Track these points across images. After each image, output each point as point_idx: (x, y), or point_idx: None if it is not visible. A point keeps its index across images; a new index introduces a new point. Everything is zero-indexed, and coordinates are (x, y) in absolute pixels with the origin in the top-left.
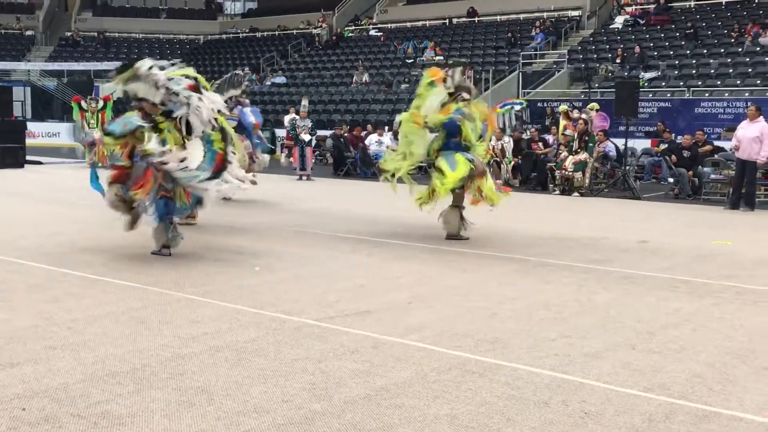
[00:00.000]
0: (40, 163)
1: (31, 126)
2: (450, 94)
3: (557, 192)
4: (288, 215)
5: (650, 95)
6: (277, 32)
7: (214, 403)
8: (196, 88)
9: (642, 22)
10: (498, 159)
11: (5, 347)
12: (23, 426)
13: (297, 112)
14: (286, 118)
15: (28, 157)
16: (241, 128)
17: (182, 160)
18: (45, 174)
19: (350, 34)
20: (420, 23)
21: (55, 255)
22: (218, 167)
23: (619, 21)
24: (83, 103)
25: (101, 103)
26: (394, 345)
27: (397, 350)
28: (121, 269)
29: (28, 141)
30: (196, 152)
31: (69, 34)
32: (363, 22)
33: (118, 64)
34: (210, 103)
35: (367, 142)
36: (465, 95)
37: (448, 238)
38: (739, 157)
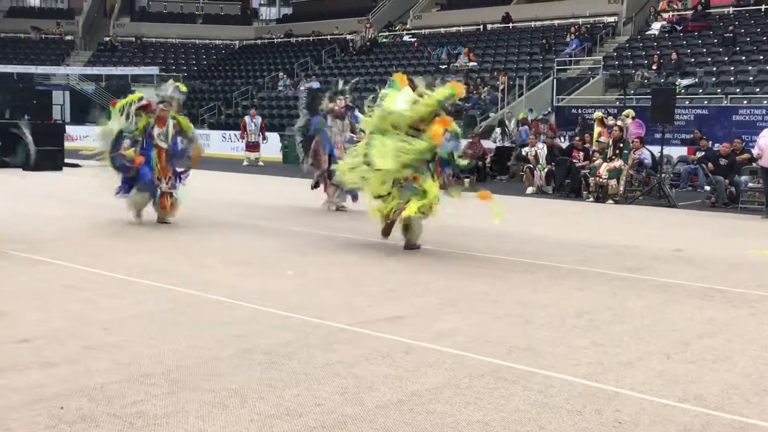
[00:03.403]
0: (78, 165)
1: (70, 129)
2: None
3: (591, 199)
4: (318, 219)
5: (687, 102)
6: (311, 38)
7: (247, 405)
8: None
9: (679, 28)
10: (531, 165)
11: (43, 347)
12: (62, 424)
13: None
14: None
15: (66, 160)
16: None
17: None
18: (82, 177)
19: (384, 40)
20: (454, 29)
21: (90, 256)
22: None
23: (655, 27)
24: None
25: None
26: (425, 350)
27: (429, 355)
28: (153, 271)
29: (67, 144)
30: None
31: (107, 39)
32: (397, 28)
33: (155, 68)
34: None
35: None
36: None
37: (408, 248)
38: (763, 165)
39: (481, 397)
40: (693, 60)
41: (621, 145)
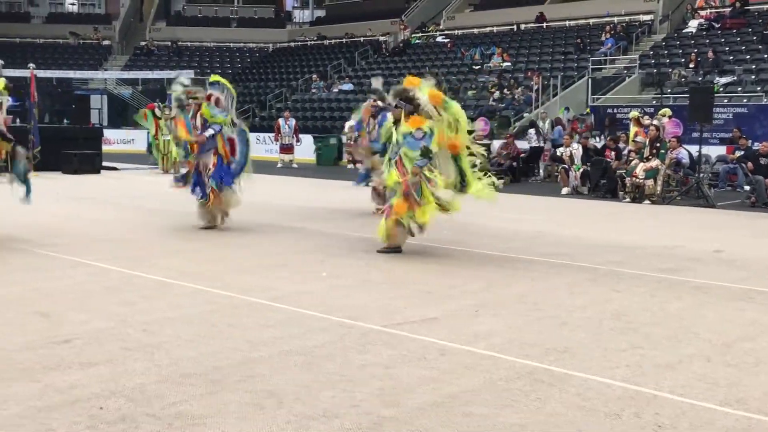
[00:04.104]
0: (115, 169)
1: (108, 133)
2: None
3: (627, 200)
4: (353, 221)
5: (725, 101)
6: (344, 40)
7: (284, 406)
8: None
9: (717, 25)
10: (566, 166)
11: (84, 348)
12: (101, 424)
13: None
14: (347, 125)
15: (104, 163)
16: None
17: None
18: (120, 180)
19: (417, 41)
20: (487, 29)
21: (129, 259)
22: None
23: (692, 25)
24: (157, 111)
25: (174, 111)
26: (462, 352)
27: (466, 357)
28: (191, 273)
29: (105, 147)
30: None
31: (143, 43)
32: (430, 29)
33: (190, 72)
34: None
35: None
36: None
37: (382, 251)
38: None
39: (517, 399)
40: (731, 58)
41: (658, 144)
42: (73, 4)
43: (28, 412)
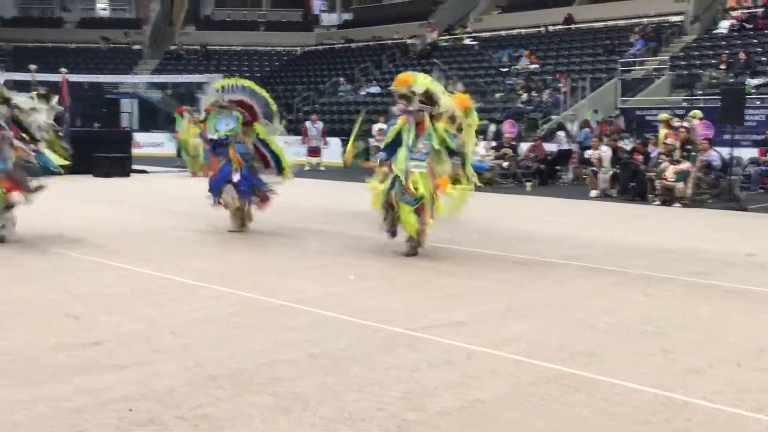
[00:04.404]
0: (145, 172)
1: (137, 136)
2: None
3: (657, 202)
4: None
5: (757, 102)
6: (371, 43)
7: (310, 409)
8: None
9: (749, 26)
10: (595, 168)
11: (113, 350)
12: (131, 426)
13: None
14: (375, 127)
15: (134, 166)
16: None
17: None
18: (149, 183)
19: (444, 44)
20: (515, 31)
21: (157, 261)
22: None
23: (723, 26)
24: (186, 115)
25: (203, 114)
26: (488, 356)
27: (492, 362)
28: (219, 276)
29: (135, 151)
30: None
31: (173, 47)
32: (457, 32)
33: (219, 76)
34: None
35: None
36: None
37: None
38: None
39: (544, 404)
40: (763, 59)
41: (689, 146)
42: (104, 9)
43: (59, 413)
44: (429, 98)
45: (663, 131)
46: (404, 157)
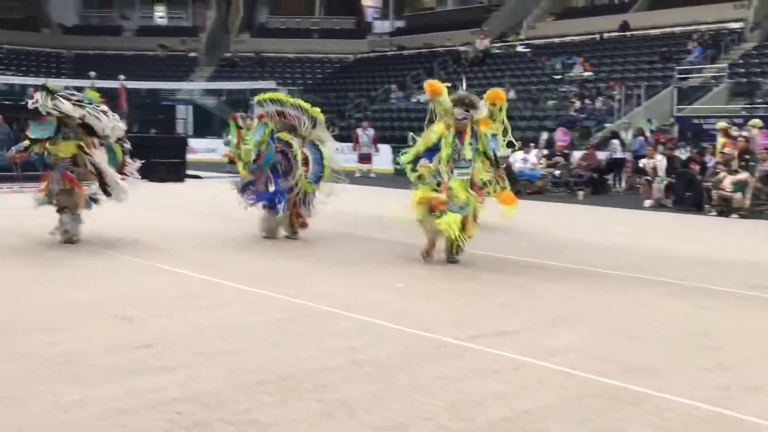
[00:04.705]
0: (199, 177)
1: (192, 142)
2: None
3: (714, 213)
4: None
5: None
6: (423, 50)
7: (356, 416)
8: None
9: None
10: (650, 177)
11: (163, 353)
12: (178, 429)
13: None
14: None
15: (188, 172)
16: None
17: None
18: (202, 188)
19: (497, 51)
20: (569, 39)
21: (209, 266)
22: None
23: None
24: (239, 121)
25: (256, 121)
26: (536, 367)
27: (540, 372)
28: (268, 281)
29: (189, 156)
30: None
31: (228, 55)
32: (510, 39)
33: (272, 83)
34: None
35: (511, 159)
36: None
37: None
38: None
39: (593, 418)
40: None
41: (747, 156)
42: (162, 18)
43: (108, 414)
44: (470, 104)
45: (721, 140)
46: (445, 163)
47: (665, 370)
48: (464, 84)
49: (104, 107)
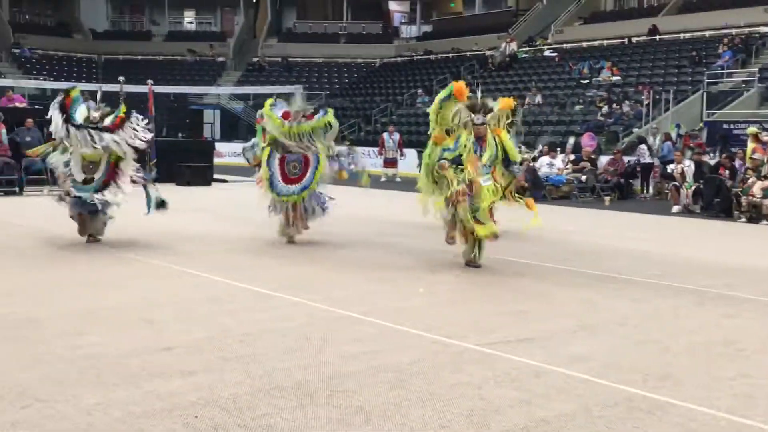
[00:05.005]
0: (225, 181)
1: (219, 146)
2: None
3: (743, 219)
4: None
5: None
6: (450, 54)
7: (372, 423)
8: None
9: None
10: (677, 183)
11: (183, 356)
12: None
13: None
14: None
15: (215, 176)
16: None
17: None
18: (229, 191)
19: (524, 55)
20: (597, 43)
21: (233, 270)
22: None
23: None
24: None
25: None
26: (556, 375)
27: (560, 380)
28: (290, 286)
29: (216, 160)
30: None
31: (255, 59)
32: (538, 43)
33: (299, 87)
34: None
35: (537, 164)
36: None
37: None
38: None
39: (613, 427)
40: None
41: None
42: (191, 23)
43: (127, 417)
44: (486, 109)
45: (751, 145)
46: (473, 167)
47: (688, 379)
48: (480, 92)
49: (132, 120)
